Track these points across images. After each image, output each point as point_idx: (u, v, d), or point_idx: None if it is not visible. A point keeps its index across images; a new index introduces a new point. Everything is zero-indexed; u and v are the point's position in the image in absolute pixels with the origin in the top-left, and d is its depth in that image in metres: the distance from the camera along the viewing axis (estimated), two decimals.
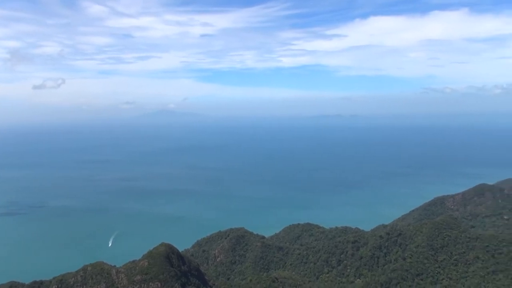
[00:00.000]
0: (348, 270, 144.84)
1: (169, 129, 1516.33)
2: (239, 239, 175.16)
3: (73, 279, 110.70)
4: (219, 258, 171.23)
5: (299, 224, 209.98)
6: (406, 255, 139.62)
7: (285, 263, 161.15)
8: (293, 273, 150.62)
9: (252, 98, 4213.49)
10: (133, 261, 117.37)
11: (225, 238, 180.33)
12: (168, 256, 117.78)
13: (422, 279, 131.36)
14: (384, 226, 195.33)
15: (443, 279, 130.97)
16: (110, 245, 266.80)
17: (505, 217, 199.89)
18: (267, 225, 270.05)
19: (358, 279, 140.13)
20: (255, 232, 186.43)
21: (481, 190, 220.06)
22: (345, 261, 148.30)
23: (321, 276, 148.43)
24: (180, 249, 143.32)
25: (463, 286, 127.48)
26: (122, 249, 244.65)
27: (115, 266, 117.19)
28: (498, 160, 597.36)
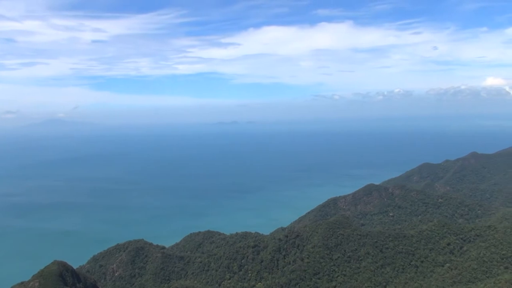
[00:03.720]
0: (249, 275, 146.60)
1: (57, 139, 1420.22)
2: (138, 251, 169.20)
3: None
4: (117, 273, 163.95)
5: (199, 232, 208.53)
6: (303, 255, 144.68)
7: (187, 272, 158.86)
8: (195, 281, 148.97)
9: (148, 106, 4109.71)
10: (22, 283, 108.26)
11: (124, 251, 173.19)
12: (61, 275, 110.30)
13: (319, 278, 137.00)
14: (283, 229, 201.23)
15: (338, 276, 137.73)
16: None
17: (390, 214, 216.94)
18: (167, 235, 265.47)
19: (259, 283, 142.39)
20: (155, 243, 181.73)
21: (369, 190, 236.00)
22: (246, 266, 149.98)
23: (223, 282, 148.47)
24: (75, 266, 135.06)
25: (356, 281, 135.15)
26: (8, 271, 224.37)
27: None
28: (382, 161, 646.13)
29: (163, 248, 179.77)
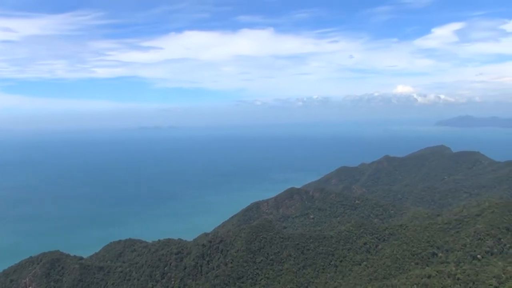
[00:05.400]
0: (173, 282, 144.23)
1: None
2: (53, 263, 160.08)
3: None
4: (31, 287, 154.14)
5: (120, 240, 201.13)
6: (227, 260, 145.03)
7: (107, 283, 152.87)
8: None
9: (64, 110, 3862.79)
10: None
11: (37, 264, 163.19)
12: None
13: (243, 282, 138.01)
14: (206, 234, 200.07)
15: (261, 279, 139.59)
16: None
17: (311, 216, 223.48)
18: (85, 245, 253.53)
19: None
20: (72, 254, 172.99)
21: (290, 194, 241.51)
22: (169, 273, 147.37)
23: None
24: None
25: (279, 283, 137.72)
26: None
27: None
28: (303, 165, 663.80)
29: (81, 258, 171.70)
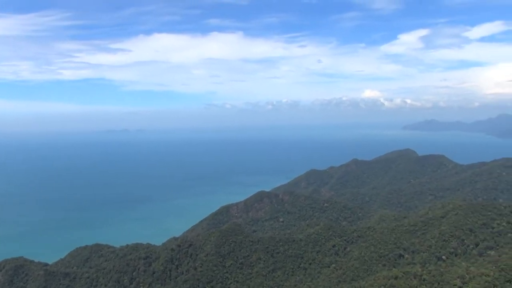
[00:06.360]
0: (141, 287, 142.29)
1: None
2: (17, 270, 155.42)
3: None
4: None
5: (87, 246, 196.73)
6: (197, 264, 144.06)
7: None
8: None
9: (30, 113, 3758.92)
10: None
11: (0, 271, 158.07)
12: None
13: (212, 286, 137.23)
14: (175, 238, 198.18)
15: (231, 283, 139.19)
16: None
17: (281, 219, 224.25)
18: (50, 251, 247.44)
19: None
20: (36, 260, 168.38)
21: (260, 197, 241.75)
22: (137, 279, 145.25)
23: None
24: None
25: (249, 286, 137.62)
26: None
27: None
28: (272, 168, 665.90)
29: (46, 265, 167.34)
